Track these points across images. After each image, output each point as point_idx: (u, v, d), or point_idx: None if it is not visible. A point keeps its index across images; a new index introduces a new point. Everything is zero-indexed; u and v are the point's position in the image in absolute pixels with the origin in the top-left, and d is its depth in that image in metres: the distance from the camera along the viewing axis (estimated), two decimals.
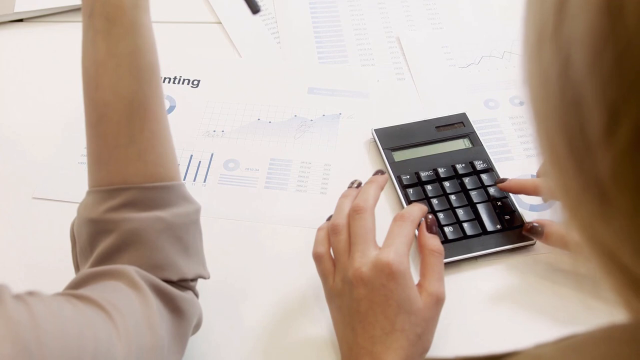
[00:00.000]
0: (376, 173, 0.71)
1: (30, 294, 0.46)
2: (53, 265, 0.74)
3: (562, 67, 0.27)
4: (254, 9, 0.64)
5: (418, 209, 0.66)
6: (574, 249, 0.68)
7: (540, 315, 0.70)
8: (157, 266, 0.57)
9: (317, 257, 0.66)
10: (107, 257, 0.57)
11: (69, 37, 1.01)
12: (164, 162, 0.59)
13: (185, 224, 0.59)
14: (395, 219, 0.65)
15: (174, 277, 0.58)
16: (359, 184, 0.71)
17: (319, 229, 0.68)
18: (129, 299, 0.52)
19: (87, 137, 0.59)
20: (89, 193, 0.59)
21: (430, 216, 0.67)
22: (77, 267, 0.62)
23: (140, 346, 0.50)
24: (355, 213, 0.65)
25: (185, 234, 0.59)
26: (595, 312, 0.70)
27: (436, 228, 0.66)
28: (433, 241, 0.65)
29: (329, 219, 0.70)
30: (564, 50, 0.26)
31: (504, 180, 0.76)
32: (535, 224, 0.71)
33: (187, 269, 0.59)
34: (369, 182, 0.69)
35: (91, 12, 0.58)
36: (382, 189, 0.69)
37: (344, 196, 0.69)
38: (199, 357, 0.67)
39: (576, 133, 0.27)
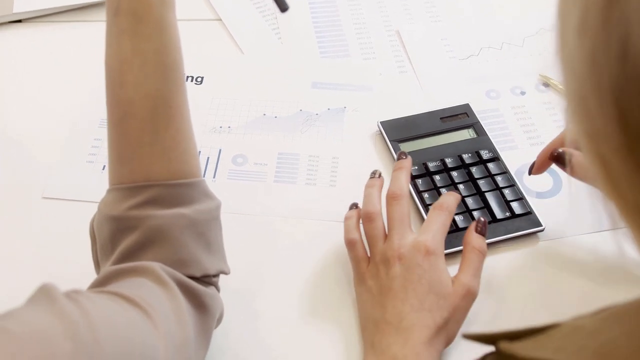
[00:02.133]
0: (399, 157, 0.74)
1: (77, 292, 0.47)
2: (66, 264, 0.74)
3: (620, 45, 0.28)
4: (283, 7, 0.65)
5: (454, 198, 0.70)
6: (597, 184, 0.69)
7: (550, 300, 0.72)
8: (181, 263, 0.57)
9: (351, 243, 0.69)
10: (131, 254, 0.57)
11: (69, 36, 1.02)
12: (187, 158, 0.59)
13: (208, 220, 0.60)
14: (433, 207, 0.69)
15: (198, 274, 0.58)
16: (380, 174, 0.74)
17: (347, 217, 0.72)
18: (158, 296, 0.53)
19: (109, 134, 0.60)
20: (110, 190, 0.60)
21: (482, 219, 0.69)
22: (97, 264, 0.62)
23: (174, 344, 0.51)
24: (392, 200, 0.69)
25: (208, 230, 0.60)
26: (602, 296, 0.71)
27: (486, 231, 0.68)
28: (478, 240, 0.67)
29: (351, 207, 0.73)
30: (621, 29, 0.27)
31: (532, 166, 0.75)
32: (562, 151, 0.70)
33: (209, 265, 0.59)
34: (398, 168, 0.72)
35: (117, 10, 0.58)
36: (410, 172, 0.73)
37: (370, 186, 0.72)
38: (216, 351, 0.68)
39: (635, 109, 0.28)
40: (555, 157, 0.71)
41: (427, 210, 0.77)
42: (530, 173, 0.77)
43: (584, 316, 0.39)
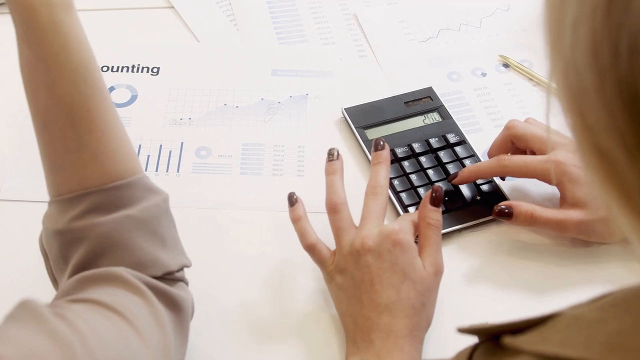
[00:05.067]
0: (376, 146, 0.71)
1: (60, 307, 0.45)
2: (25, 268, 0.71)
3: (630, 37, 0.27)
4: None
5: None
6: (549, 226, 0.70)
7: (524, 280, 0.72)
8: (138, 265, 0.55)
9: (311, 247, 0.66)
10: (85, 266, 0.54)
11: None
12: (120, 158, 0.56)
13: (156, 216, 0.57)
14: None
15: (159, 273, 0.56)
16: (338, 153, 0.71)
17: (295, 220, 0.68)
18: (136, 303, 0.51)
19: (38, 143, 0.57)
20: (50, 204, 0.57)
21: (438, 188, 0.66)
22: (53, 281, 0.60)
23: (158, 351, 0.49)
24: (372, 194, 0.68)
25: (159, 226, 0.57)
26: (574, 274, 0.72)
27: (441, 201, 0.66)
28: (432, 214, 0.65)
29: (291, 201, 0.69)
30: (630, 21, 0.27)
31: (455, 175, 0.76)
32: (503, 207, 0.70)
33: (169, 262, 0.57)
34: (378, 163, 0.70)
35: (11, 15, 0.54)
36: (389, 165, 0.70)
37: (331, 172, 0.69)
38: (188, 350, 0.66)
39: None
40: (498, 213, 0.70)
41: (398, 198, 0.76)
42: (449, 180, 0.76)
43: (581, 305, 0.39)
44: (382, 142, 0.71)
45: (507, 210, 0.70)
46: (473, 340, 0.45)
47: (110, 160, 0.56)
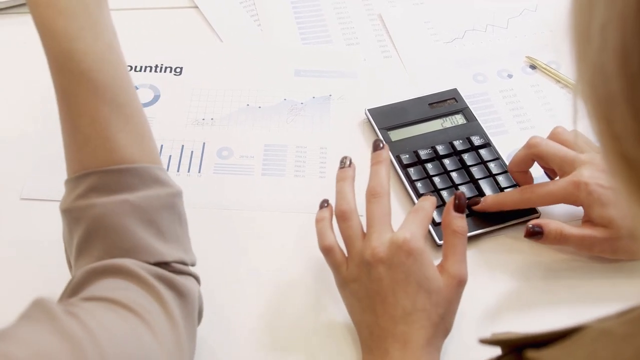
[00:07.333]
0: (375, 147, 0.69)
1: (73, 305, 0.44)
2: (48, 267, 0.71)
3: None
4: None
5: (430, 203, 0.66)
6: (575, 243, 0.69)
7: (550, 285, 0.71)
8: (129, 250, 0.54)
9: (327, 250, 0.65)
10: (82, 247, 0.55)
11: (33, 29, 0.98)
12: (116, 146, 0.56)
13: (156, 207, 0.56)
14: (410, 212, 0.65)
15: (151, 260, 0.55)
16: (350, 161, 0.69)
17: (318, 221, 0.67)
18: (146, 299, 0.51)
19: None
20: (64, 184, 0.58)
21: (460, 194, 0.64)
22: (69, 265, 0.60)
23: (170, 347, 0.49)
24: (372, 197, 0.65)
25: (157, 217, 0.56)
26: (599, 281, 0.71)
27: (465, 208, 0.64)
28: (457, 221, 0.63)
29: (322, 204, 0.69)
30: None
31: (476, 201, 0.74)
32: (532, 226, 0.69)
33: (165, 252, 0.56)
34: (377, 162, 0.68)
35: None
36: (390, 165, 0.68)
37: (341, 179, 0.68)
38: (203, 350, 0.66)
39: None
40: (529, 233, 0.69)
41: None
42: (470, 205, 0.74)
43: (608, 318, 0.37)
44: (381, 143, 0.69)
45: (537, 230, 0.68)
46: (494, 351, 0.44)
47: (103, 147, 0.56)
